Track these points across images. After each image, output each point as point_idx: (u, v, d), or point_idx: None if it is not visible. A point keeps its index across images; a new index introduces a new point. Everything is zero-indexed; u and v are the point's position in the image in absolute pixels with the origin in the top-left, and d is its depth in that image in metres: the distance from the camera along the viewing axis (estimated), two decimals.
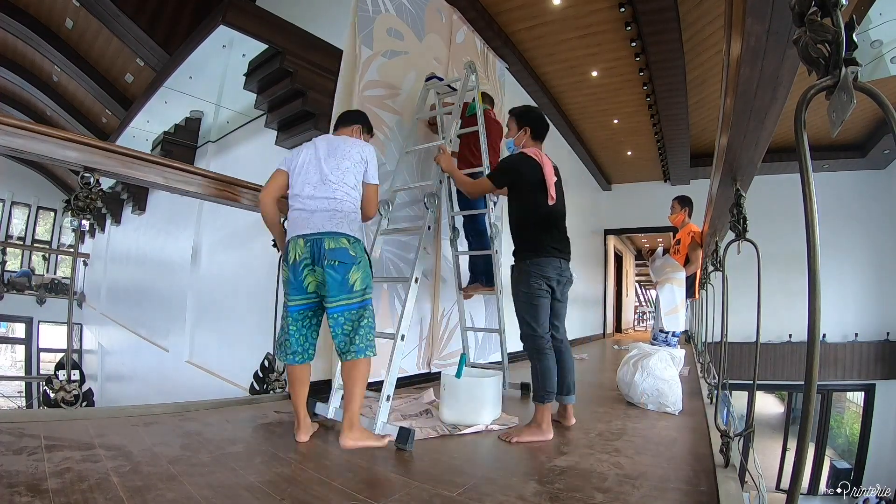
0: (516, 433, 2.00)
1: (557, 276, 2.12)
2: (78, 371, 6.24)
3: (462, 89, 2.85)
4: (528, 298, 2.09)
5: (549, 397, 2.03)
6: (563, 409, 2.24)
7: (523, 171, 2.14)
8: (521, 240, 2.17)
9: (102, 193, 2.10)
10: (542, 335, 2.08)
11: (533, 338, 2.09)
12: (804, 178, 0.65)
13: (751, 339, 1.58)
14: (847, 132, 7.83)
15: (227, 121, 3.84)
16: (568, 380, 2.21)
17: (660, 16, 4.53)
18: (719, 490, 1.37)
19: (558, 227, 2.19)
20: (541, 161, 2.13)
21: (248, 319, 3.19)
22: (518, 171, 2.16)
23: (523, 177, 2.14)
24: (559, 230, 2.19)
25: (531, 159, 2.14)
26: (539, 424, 2.01)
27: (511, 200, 2.26)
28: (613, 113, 7.08)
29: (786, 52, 0.87)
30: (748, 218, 1.49)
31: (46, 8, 5.32)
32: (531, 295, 2.08)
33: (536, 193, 2.12)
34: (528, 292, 2.08)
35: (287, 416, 2.25)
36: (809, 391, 0.64)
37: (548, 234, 2.13)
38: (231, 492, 1.30)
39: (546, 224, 2.14)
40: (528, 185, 2.13)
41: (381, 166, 2.99)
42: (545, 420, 2.01)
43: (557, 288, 2.15)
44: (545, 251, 2.10)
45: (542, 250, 2.10)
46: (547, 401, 2.02)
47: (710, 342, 3.96)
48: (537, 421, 2.01)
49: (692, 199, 3.94)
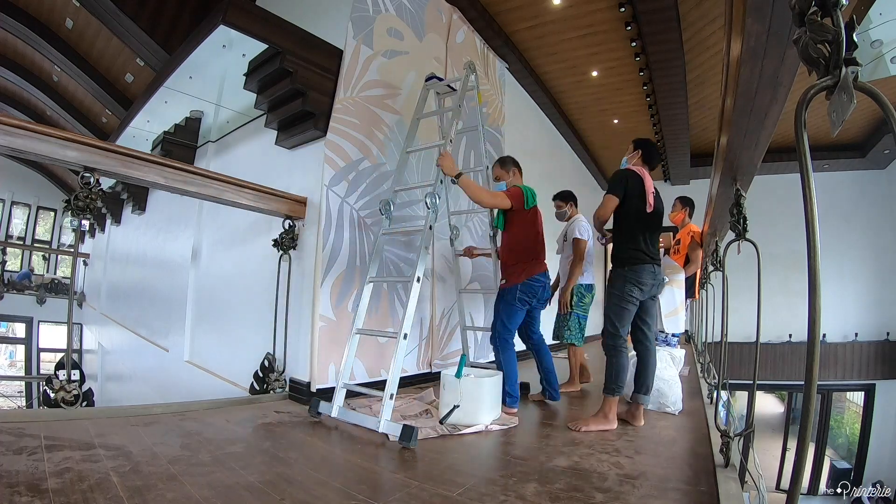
0: (584, 422, 2.19)
1: (652, 280, 2.30)
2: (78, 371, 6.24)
3: (462, 89, 2.86)
4: (618, 301, 2.27)
5: (619, 391, 2.21)
6: (636, 409, 2.32)
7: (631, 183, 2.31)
8: (620, 248, 2.34)
9: (102, 193, 2.10)
10: (622, 336, 2.26)
11: (614, 336, 2.26)
12: (804, 178, 0.65)
13: (751, 339, 1.58)
14: (847, 132, 7.83)
15: (227, 121, 3.83)
16: (648, 380, 2.34)
17: (660, 16, 4.53)
18: (719, 490, 1.36)
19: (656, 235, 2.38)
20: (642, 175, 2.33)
21: (248, 319, 3.19)
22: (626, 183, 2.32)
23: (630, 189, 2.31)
24: (654, 239, 2.37)
25: (635, 173, 2.34)
26: (606, 414, 2.19)
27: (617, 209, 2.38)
28: (613, 113, 7.07)
29: (786, 52, 0.87)
30: (748, 218, 1.49)
31: (46, 8, 5.31)
32: (622, 298, 2.26)
33: (638, 203, 2.29)
34: (620, 295, 2.26)
35: (287, 415, 2.25)
36: (809, 391, 0.64)
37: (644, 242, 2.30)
38: (231, 492, 1.30)
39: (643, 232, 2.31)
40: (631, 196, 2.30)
41: (381, 166, 3.01)
42: (612, 410, 2.20)
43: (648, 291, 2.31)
44: (640, 259, 2.28)
45: (639, 258, 2.28)
46: (616, 394, 2.20)
47: (710, 342, 3.96)
48: (604, 411, 2.20)
49: (693, 199, 3.94)
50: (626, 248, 2.30)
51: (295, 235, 2.83)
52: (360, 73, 2.89)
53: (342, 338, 2.68)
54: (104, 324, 6.59)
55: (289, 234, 2.81)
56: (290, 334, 2.77)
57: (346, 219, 2.77)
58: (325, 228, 2.63)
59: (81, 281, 8.27)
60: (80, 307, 7.86)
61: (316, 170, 2.72)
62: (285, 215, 2.80)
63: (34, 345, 9.71)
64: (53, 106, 7.22)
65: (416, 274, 2.22)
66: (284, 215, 2.80)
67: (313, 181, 2.75)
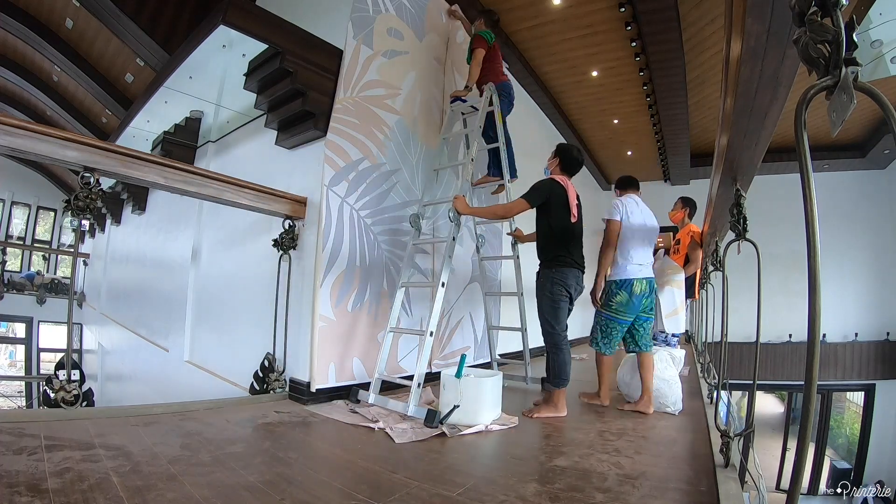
0: (536, 410, 2.41)
1: (576, 284, 2.50)
2: (78, 371, 6.25)
3: (482, 109, 3.13)
4: (550, 302, 2.45)
5: (564, 384, 2.43)
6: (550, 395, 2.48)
7: (555, 193, 2.48)
8: (547, 252, 2.52)
9: (102, 193, 2.10)
10: (559, 332, 2.45)
11: (552, 334, 2.45)
12: (804, 178, 0.65)
13: (751, 339, 1.58)
14: (847, 132, 7.82)
15: (227, 121, 3.83)
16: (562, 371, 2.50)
17: (660, 16, 4.53)
18: (719, 490, 1.36)
19: (580, 244, 2.57)
20: (566, 186, 2.51)
21: (248, 319, 3.19)
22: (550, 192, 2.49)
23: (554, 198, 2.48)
24: (580, 246, 2.57)
25: (559, 184, 2.50)
26: (555, 404, 2.42)
27: (540, 218, 2.57)
28: (613, 113, 7.07)
29: (786, 52, 0.87)
30: (748, 218, 1.49)
31: (46, 8, 5.31)
32: (552, 299, 2.45)
33: (562, 213, 2.47)
34: (550, 296, 2.45)
35: (287, 415, 2.25)
36: (809, 391, 0.64)
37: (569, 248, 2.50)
38: (231, 492, 1.30)
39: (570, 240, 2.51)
40: (556, 205, 2.47)
41: (381, 166, 3.02)
42: (560, 400, 2.43)
43: (574, 295, 2.51)
44: (566, 263, 2.47)
45: (565, 262, 2.47)
46: (562, 386, 2.43)
47: (710, 342, 3.96)
48: (554, 402, 2.43)
49: (695, 200, 3.93)
50: (553, 252, 2.48)
51: (295, 235, 2.83)
52: (360, 73, 2.90)
53: (342, 338, 2.69)
54: (104, 324, 6.59)
55: (289, 234, 2.81)
56: (289, 334, 2.77)
57: (346, 219, 2.77)
58: (325, 228, 2.64)
59: (81, 281, 8.27)
60: (80, 307, 7.86)
61: (316, 170, 2.72)
62: (285, 215, 2.80)
63: (34, 345, 9.71)
64: (53, 106, 7.22)
65: (442, 279, 2.50)
66: (284, 215, 2.80)
67: (313, 181, 2.75)
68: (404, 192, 3.20)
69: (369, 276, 2.88)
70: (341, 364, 2.66)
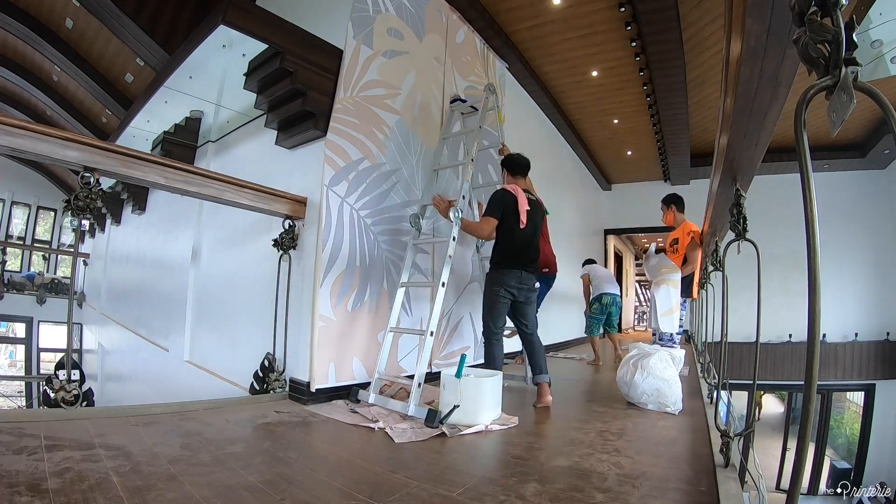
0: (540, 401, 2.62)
1: (517, 284, 2.64)
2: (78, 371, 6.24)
3: (483, 110, 3.14)
4: (487, 300, 2.67)
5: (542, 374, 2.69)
6: (540, 389, 2.65)
7: (507, 203, 2.64)
8: (494, 254, 2.71)
9: (102, 193, 2.10)
10: (495, 330, 2.64)
11: (489, 330, 2.65)
12: (804, 178, 0.65)
13: (751, 339, 1.57)
14: (847, 132, 7.83)
15: (227, 121, 3.83)
16: (540, 362, 2.70)
17: (660, 16, 4.53)
18: (719, 490, 1.36)
19: (527, 246, 2.69)
20: (516, 194, 2.67)
21: (248, 319, 3.19)
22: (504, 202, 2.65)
23: (507, 207, 2.64)
24: (527, 248, 2.69)
25: (510, 193, 2.67)
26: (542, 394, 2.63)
27: None
28: (613, 113, 7.07)
29: (786, 52, 0.87)
30: (748, 218, 1.49)
31: (46, 8, 5.31)
32: (490, 298, 2.65)
33: (512, 220, 2.63)
34: (489, 295, 2.66)
35: (287, 415, 2.25)
36: (809, 391, 0.64)
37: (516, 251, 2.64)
38: (231, 492, 1.30)
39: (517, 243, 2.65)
40: (507, 213, 2.63)
41: (381, 166, 3.02)
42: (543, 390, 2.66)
43: (519, 294, 2.65)
44: (509, 264, 2.63)
45: (507, 264, 2.63)
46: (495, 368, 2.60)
47: (710, 342, 3.96)
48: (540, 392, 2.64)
49: (686, 198, 3.92)
50: (498, 255, 2.68)
51: (295, 235, 2.83)
52: (360, 73, 2.90)
53: (342, 338, 2.69)
54: (104, 324, 6.59)
55: (289, 234, 2.81)
56: (289, 334, 2.77)
57: (346, 219, 2.77)
58: (325, 228, 2.64)
59: (81, 281, 8.27)
60: (80, 307, 7.85)
61: (316, 170, 2.72)
62: (285, 215, 2.80)
63: (34, 345, 9.70)
64: (53, 106, 7.21)
65: (442, 279, 2.53)
66: (284, 215, 2.80)
67: (313, 181, 2.75)
68: (404, 191, 3.20)
69: (369, 275, 2.88)
70: (341, 364, 2.66)
